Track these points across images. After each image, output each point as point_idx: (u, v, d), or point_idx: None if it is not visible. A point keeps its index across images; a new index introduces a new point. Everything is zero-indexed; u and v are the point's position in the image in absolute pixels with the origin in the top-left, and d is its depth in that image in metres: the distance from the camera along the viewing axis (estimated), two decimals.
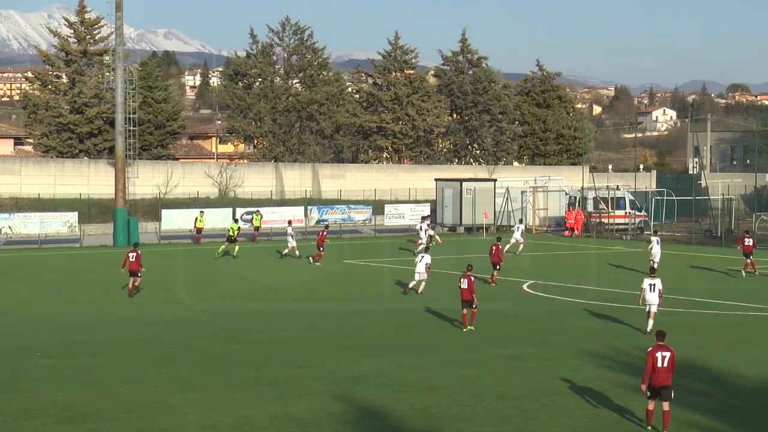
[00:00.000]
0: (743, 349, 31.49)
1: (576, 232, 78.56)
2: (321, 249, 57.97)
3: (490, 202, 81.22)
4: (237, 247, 61.94)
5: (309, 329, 35.68)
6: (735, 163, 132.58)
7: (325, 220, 71.65)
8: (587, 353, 30.43)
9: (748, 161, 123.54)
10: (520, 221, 66.56)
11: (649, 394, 22.04)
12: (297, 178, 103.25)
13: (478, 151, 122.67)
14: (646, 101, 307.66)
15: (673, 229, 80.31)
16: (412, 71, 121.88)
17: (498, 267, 48.17)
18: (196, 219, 72.10)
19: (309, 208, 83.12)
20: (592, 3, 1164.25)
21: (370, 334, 34.71)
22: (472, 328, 34.85)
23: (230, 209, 77.67)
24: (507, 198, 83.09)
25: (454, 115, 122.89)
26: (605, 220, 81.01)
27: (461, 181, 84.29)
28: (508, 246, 58.64)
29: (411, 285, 44.43)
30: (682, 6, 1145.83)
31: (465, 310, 35.17)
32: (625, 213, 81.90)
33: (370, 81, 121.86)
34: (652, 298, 34.46)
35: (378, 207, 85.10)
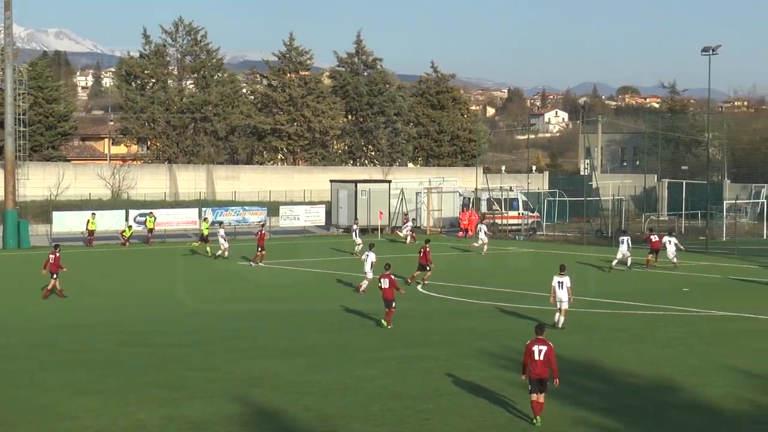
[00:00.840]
0: (634, 348, 31.93)
1: (470, 232, 79.05)
2: (261, 249, 58.15)
3: (385, 203, 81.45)
4: (208, 247, 63.59)
5: (207, 331, 35.41)
6: (625, 164, 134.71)
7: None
8: (481, 353, 30.63)
9: (637, 162, 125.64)
10: (482, 221, 67.50)
11: (530, 387, 22.60)
12: (191, 180, 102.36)
13: (373, 153, 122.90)
14: (538, 103, 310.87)
15: (564, 230, 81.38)
16: (307, 72, 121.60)
17: (428, 269, 48.45)
18: (88, 221, 71.22)
19: (203, 209, 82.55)
20: (486, 6, 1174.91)
21: (266, 335, 34.57)
22: (389, 326, 35.55)
23: (123, 211, 76.73)
24: (402, 199, 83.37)
25: (350, 117, 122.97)
26: (499, 221, 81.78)
27: (356, 182, 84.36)
28: (475, 244, 62.38)
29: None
30: (572, 9, 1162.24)
31: (388, 309, 35.97)
32: (519, 214, 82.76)
33: (265, 82, 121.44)
34: (562, 295, 35.21)
35: (273, 208, 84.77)
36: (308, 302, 43.26)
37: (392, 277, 36.50)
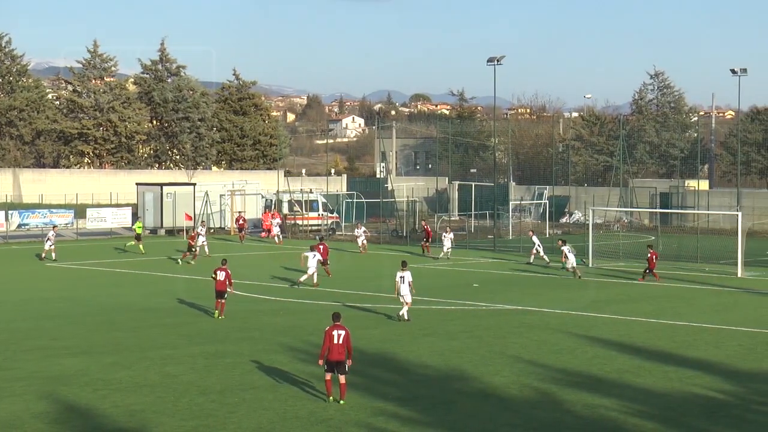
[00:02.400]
0: (427, 341, 32.50)
1: (272, 233, 79.07)
2: (193, 249, 58.41)
3: (190, 205, 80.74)
4: (141, 245, 64.20)
5: (7, 331, 34.45)
6: (418, 167, 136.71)
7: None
8: (283, 348, 30.75)
9: (430, 166, 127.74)
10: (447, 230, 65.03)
11: (326, 367, 23.67)
12: None
13: (178, 157, 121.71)
14: (336, 109, 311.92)
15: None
16: (112, 78, 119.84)
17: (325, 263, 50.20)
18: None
19: (10, 212, 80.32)
20: (285, 16, 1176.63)
21: (70, 334, 33.84)
22: (222, 317, 36.91)
23: None
24: (206, 201, 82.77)
25: (155, 122, 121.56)
26: (300, 222, 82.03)
27: (162, 185, 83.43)
28: (441, 254, 60.44)
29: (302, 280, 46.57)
30: (365, 19, 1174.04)
31: (219, 300, 37.55)
32: (318, 215, 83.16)
33: (70, 88, 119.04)
34: (403, 289, 36.59)
35: (80, 211, 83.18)
36: (110, 301, 42.52)
37: (228, 271, 37.83)
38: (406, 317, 36.44)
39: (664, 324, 36.20)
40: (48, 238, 60.68)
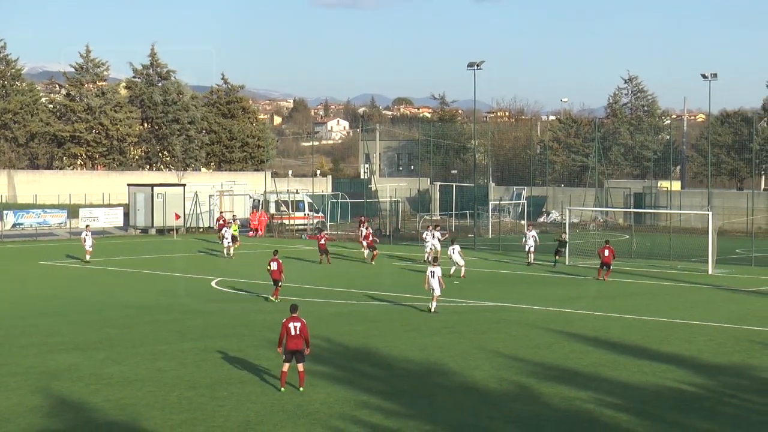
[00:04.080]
0: (409, 336, 32.47)
1: (260, 232, 79.03)
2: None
3: (180, 205, 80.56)
4: (232, 249, 62.27)
5: (1, 328, 34.23)
6: (401, 168, 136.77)
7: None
8: (270, 343, 30.64)
9: (412, 167, 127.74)
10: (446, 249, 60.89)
11: (285, 357, 24.34)
12: None
13: (168, 158, 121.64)
14: (321, 113, 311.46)
15: (347, 229, 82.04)
16: (104, 83, 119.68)
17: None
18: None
19: (5, 212, 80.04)
20: (272, 23, 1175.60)
21: (64, 331, 33.71)
22: (278, 300, 39.65)
23: None
24: (196, 201, 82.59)
25: (146, 125, 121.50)
26: (286, 221, 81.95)
27: (152, 186, 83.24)
28: (427, 253, 55.42)
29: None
30: (348, 25, 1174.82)
31: (275, 287, 40.83)
32: (304, 214, 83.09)
33: (63, 92, 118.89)
34: (434, 283, 37.45)
35: (73, 211, 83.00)
36: (103, 299, 42.38)
37: (279, 261, 41.14)
38: (433, 310, 37.22)
39: (639, 320, 36.28)
40: (84, 239, 58.28)
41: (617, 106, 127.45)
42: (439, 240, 56.23)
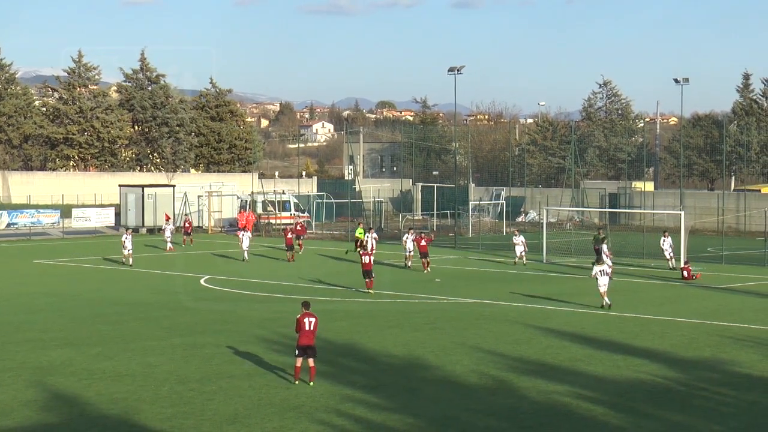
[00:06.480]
0: (392, 332, 32.49)
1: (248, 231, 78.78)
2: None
3: (170, 205, 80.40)
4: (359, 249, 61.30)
5: None
6: (384, 170, 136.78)
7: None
8: (258, 339, 30.68)
9: (395, 168, 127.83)
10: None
11: (298, 352, 24.10)
12: None
13: (158, 160, 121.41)
14: (307, 116, 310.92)
15: (331, 228, 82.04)
16: (95, 87, 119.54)
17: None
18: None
19: None
20: (258, 29, 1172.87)
21: (58, 327, 33.61)
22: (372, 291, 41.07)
23: None
24: (185, 202, 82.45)
25: (136, 127, 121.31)
26: (273, 221, 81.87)
27: (143, 186, 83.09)
28: (408, 252, 53.77)
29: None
30: (334, 33, 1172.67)
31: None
32: (291, 214, 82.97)
33: (56, 95, 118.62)
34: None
35: (66, 211, 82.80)
36: (96, 296, 42.28)
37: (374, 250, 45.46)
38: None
39: (614, 316, 36.36)
40: (124, 245, 54.51)
41: (592, 109, 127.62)
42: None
